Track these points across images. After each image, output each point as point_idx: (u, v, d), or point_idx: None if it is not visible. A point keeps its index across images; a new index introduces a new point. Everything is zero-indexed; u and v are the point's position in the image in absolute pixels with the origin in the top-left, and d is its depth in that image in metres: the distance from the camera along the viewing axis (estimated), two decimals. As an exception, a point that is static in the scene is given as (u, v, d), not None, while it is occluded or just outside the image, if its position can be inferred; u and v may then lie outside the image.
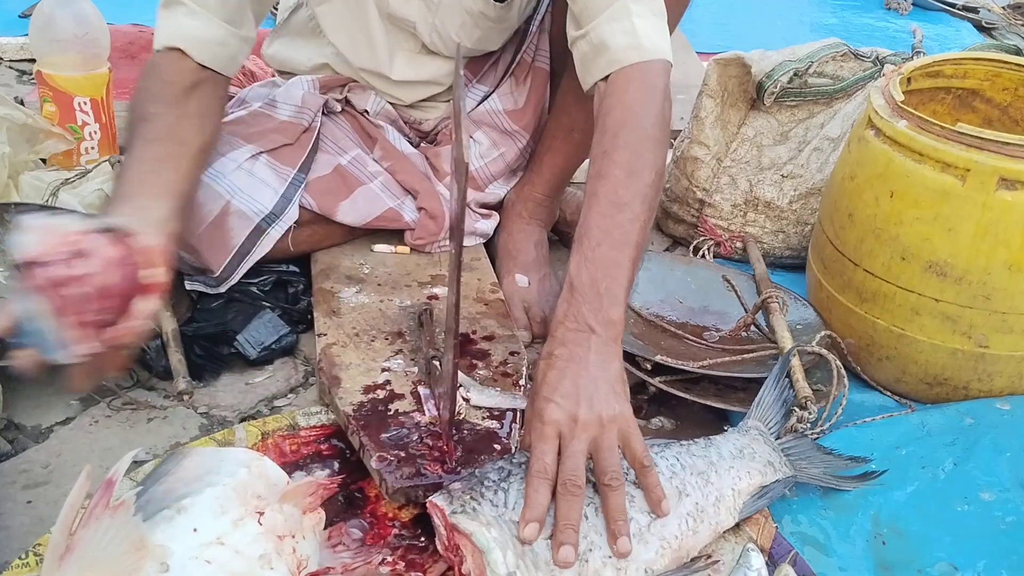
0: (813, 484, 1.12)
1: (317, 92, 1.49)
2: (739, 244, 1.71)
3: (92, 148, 1.71)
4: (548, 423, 0.93)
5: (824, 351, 1.27)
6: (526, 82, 1.54)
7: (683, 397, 1.25)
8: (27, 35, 2.09)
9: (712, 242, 1.72)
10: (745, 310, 1.46)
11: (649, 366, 1.25)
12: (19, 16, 2.50)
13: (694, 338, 1.38)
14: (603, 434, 0.93)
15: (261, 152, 1.39)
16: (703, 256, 1.70)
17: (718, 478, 1.02)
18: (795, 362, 1.25)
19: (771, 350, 1.33)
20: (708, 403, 1.25)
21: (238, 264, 1.34)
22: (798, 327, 1.38)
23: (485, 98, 1.55)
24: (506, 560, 0.86)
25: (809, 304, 1.47)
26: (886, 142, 1.29)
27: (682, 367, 1.26)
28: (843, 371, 1.25)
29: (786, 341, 1.31)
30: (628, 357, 1.25)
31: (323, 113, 1.48)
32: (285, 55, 1.57)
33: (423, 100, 1.55)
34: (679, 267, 1.56)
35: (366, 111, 1.51)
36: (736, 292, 1.51)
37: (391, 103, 1.53)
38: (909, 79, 1.41)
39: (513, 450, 1.06)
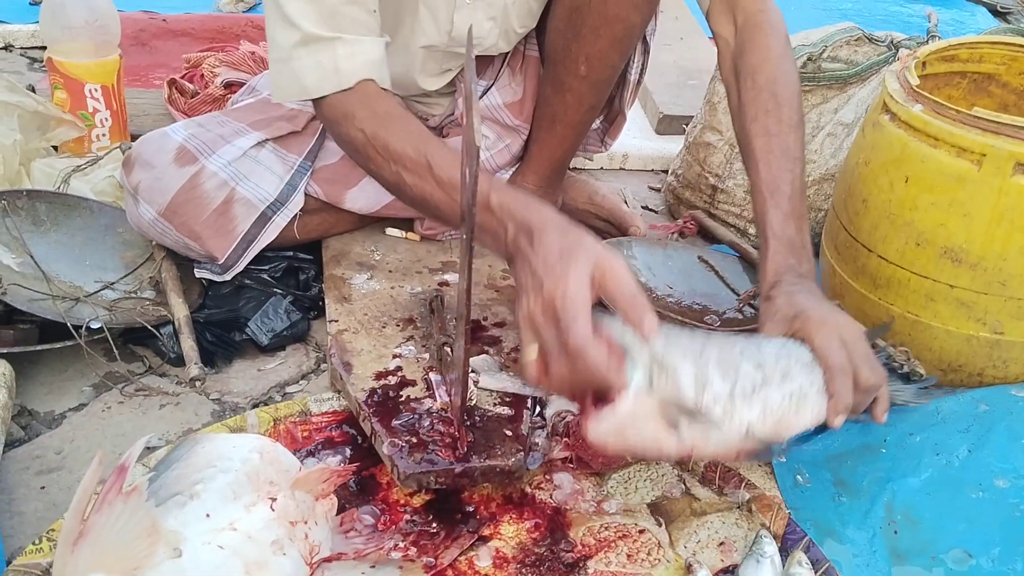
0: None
1: None
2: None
3: (103, 135, 1.71)
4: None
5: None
6: (522, 71, 1.53)
7: None
8: (38, 22, 2.10)
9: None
10: (731, 289, 1.46)
11: None
12: (30, 3, 2.50)
13: (700, 324, 1.38)
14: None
15: (267, 140, 1.38)
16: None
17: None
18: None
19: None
20: None
21: (243, 252, 1.34)
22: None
23: (485, 92, 1.54)
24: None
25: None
26: (901, 127, 1.27)
27: None
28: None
29: None
30: None
31: None
32: None
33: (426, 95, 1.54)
34: (658, 251, 1.55)
35: None
36: (716, 272, 1.50)
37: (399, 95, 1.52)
38: (924, 63, 1.40)
39: (524, 437, 1.06)
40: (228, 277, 1.35)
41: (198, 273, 1.36)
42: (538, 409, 1.13)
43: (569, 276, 0.88)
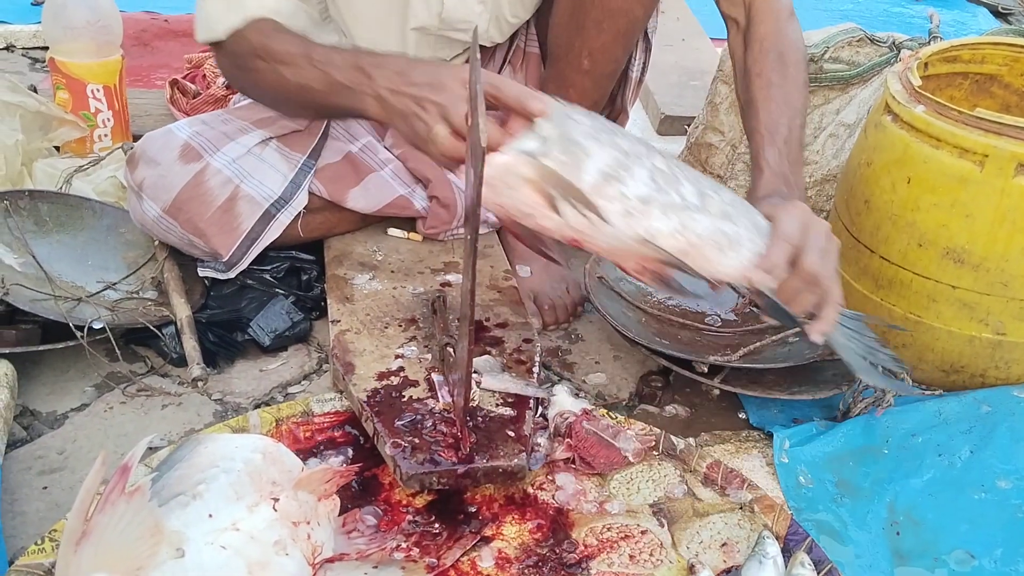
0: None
1: None
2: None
3: (105, 135, 1.71)
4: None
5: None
6: (523, 68, 1.53)
7: (744, 393, 1.26)
8: (40, 22, 2.10)
9: None
10: (732, 288, 1.46)
11: (705, 368, 1.24)
12: (32, 4, 2.50)
13: (702, 325, 1.38)
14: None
15: (271, 138, 1.38)
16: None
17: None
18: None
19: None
20: (774, 396, 1.24)
21: (247, 249, 1.34)
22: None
23: None
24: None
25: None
26: (903, 127, 1.27)
27: (749, 365, 1.25)
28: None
29: None
30: (685, 363, 1.26)
31: None
32: None
33: None
34: None
35: None
36: None
37: None
38: (926, 64, 1.40)
39: (527, 438, 1.06)
40: (232, 275, 1.35)
41: (201, 272, 1.36)
42: (540, 410, 1.13)
43: (446, 79, 0.98)
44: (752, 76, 1.23)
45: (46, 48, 1.78)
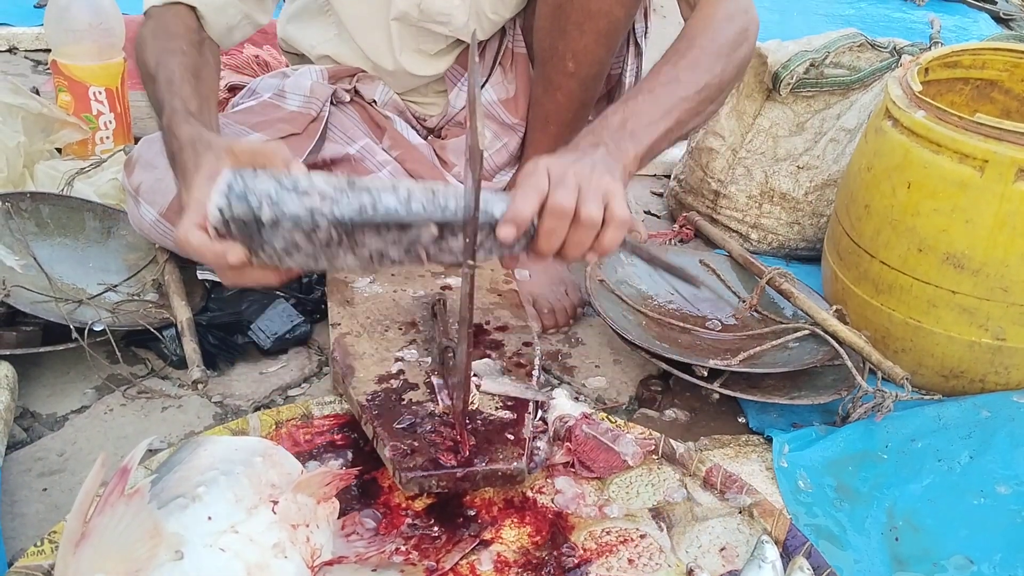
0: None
1: (326, 82, 1.49)
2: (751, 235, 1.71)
3: (107, 137, 1.71)
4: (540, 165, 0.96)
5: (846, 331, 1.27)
6: (513, 69, 1.53)
7: (743, 398, 1.25)
8: (43, 25, 2.10)
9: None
10: (734, 292, 1.46)
11: (705, 372, 1.24)
12: (34, 6, 2.51)
13: (703, 329, 1.38)
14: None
15: (268, 141, 1.38)
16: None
17: None
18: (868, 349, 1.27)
19: (788, 332, 1.32)
20: (778, 401, 1.24)
21: None
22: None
23: (480, 88, 1.54)
24: None
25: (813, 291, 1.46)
26: (904, 133, 1.28)
27: (749, 370, 1.25)
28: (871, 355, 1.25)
29: (814, 310, 1.31)
30: (685, 367, 1.25)
31: (332, 103, 1.47)
32: (294, 37, 1.57)
33: (414, 91, 1.54)
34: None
35: (374, 101, 1.50)
36: (719, 276, 1.50)
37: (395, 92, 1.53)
38: (927, 69, 1.40)
39: (526, 441, 1.06)
40: (229, 278, 1.35)
41: (200, 275, 1.36)
42: (540, 413, 1.13)
43: (195, 182, 0.95)
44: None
45: (48, 50, 1.78)
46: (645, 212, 1.87)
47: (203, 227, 0.91)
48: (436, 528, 1.00)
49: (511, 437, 1.07)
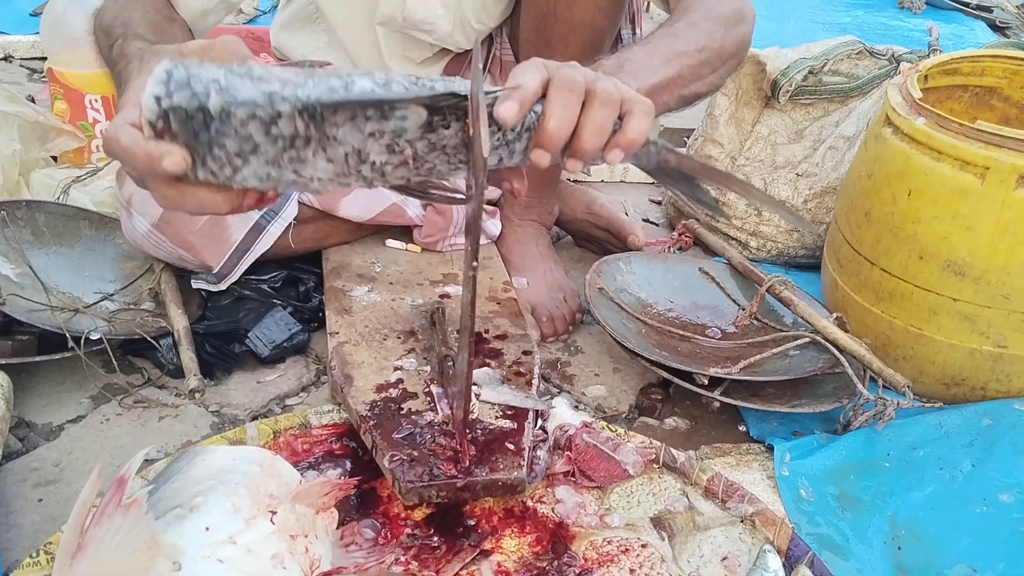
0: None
1: None
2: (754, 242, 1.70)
3: (103, 146, 1.71)
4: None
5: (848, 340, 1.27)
6: (502, 77, 1.53)
7: (744, 406, 1.24)
8: (38, 33, 2.10)
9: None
10: (733, 300, 1.45)
11: (705, 380, 1.24)
12: (30, 14, 2.51)
13: (703, 337, 1.38)
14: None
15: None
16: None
17: None
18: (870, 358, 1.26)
19: (789, 340, 1.32)
20: (775, 409, 1.23)
21: (237, 261, 1.33)
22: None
23: None
24: None
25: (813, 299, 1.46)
26: (904, 140, 1.27)
27: (750, 378, 1.25)
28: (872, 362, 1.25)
29: (814, 318, 1.31)
30: (685, 375, 1.25)
31: None
32: (286, 45, 1.57)
33: None
34: (657, 265, 1.53)
35: None
36: (718, 284, 1.50)
37: None
38: (926, 77, 1.40)
39: (526, 451, 1.05)
40: (224, 286, 1.34)
41: (195, 284, 1.35)
42: (540, 422, 1.13)
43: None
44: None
45: (44, 58, 1.78)
46: (643, 220, 1.87)
47: (137, 125, 0.75)
48: (436, 538, 0.99)
49: (511, 447, 1.06)
